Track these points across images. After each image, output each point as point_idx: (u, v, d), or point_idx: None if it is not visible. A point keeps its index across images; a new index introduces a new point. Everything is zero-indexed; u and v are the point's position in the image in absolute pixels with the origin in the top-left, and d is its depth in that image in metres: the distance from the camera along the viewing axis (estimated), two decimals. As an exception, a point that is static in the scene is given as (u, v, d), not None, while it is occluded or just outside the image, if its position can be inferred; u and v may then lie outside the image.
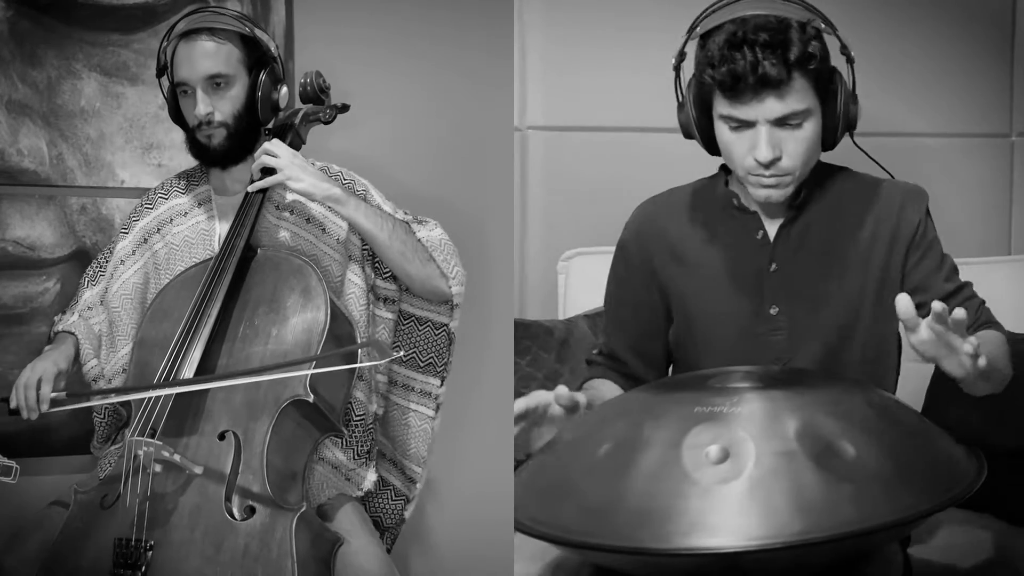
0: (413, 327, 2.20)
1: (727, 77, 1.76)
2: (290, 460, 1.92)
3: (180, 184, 2.23)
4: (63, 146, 2.41)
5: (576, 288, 2.69)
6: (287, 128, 2.11)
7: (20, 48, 2.37)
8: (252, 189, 2.05)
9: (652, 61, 2.74)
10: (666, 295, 2.02)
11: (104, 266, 2.24)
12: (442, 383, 2.21)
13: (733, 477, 1.41)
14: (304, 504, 1.83)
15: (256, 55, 2.13)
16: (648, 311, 2.04)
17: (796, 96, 1.78)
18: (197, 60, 2.07)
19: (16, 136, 2.36)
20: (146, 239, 2.20)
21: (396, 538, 2.23)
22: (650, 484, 1.44)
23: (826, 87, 1.83)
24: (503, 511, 1.90)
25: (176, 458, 1.80)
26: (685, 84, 1.92)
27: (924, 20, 2.73)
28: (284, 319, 1.96)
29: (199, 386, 1.87)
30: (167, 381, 1.90)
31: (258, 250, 2.07)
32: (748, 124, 1.80)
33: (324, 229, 2.13)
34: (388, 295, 2.17)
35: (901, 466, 1.46)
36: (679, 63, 1.91)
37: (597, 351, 2.12)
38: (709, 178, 2.04)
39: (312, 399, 1.88)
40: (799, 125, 1.81)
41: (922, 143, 2.74)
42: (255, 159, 2.03)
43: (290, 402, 1.88)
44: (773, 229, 1.94)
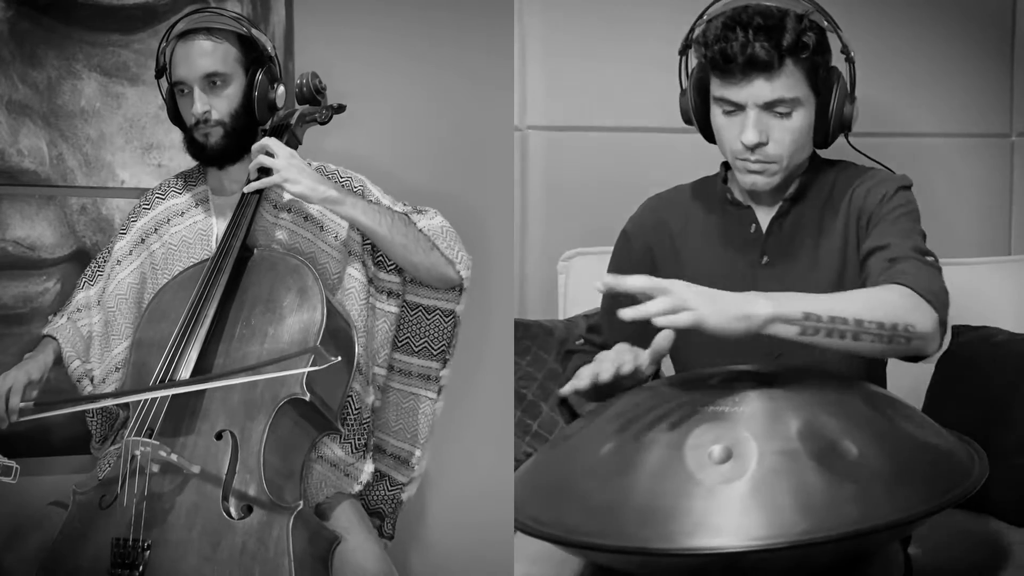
0: (421, 316, 2.20)
1: (718, 55, 1.80)
2: (287, 459, 1.92)
3: (177, 184, 2.24)
4: (63, 146, 2.41)
5: (576, 288, 2.68)
6: (284, 128, 2.12)
7: (20, 48, 2.37)
8: (248, 190, 2.05)
9: (652, 61, 2.74)
10: None
11: (102, 266, 2.24)
12: (445, 365, 2.22)
13: (736, 477, 1.42)
14: (301, 503, 1.83)
15: (253, 55, 2.14)
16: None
17: (786, 83, 1.81)
18: (194, 59, 2.08)
19: (16, 136, 2.36)
20: (143, 239, 2.20)
21: (396, 522, 2.23)
22: (653, 484, 1.44)
23: (821, 81, 1.85)
24: (503, 511, 1.89)
25: (173, 458, 1.80)
26: (689, 71, 1.96)
27: (924, 20, 2.73)
28: (280, 319, 1.96)
29: (152, 394, 1.89)
30: (124, 391, 2.01)
31: (255, 250, 2.07)
32: (739, 108, 1.84)
33: (322, 227, 2.13)
34: (391, 288, 2.17)
35: (903, 465, 1.46)
36: (685, 49, 1.96)
37: (583, 341, 2.12)
38: (710, 175, 2.07)
39: (309, 398, 1.88)
40: (788, 114, 1.84)
41: (922, 143, 2.74)
42: (252, 158, 2.04)
43: (287, 401, 1.88)
44: (766, 223, 1.97)
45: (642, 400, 1.67)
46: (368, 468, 2.13)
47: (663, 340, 1.75)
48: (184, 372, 1.89)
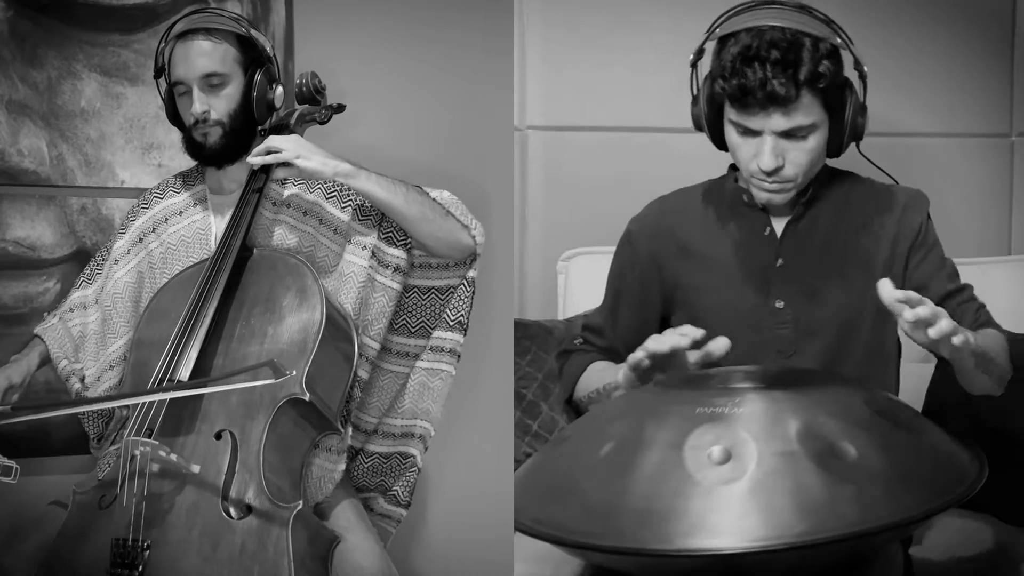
0: (434, 297, 2.17)
1: (736, 91, 1.81)
2: (287, 459, 1.92)
3: (176, 184, 2.24)
4: (63, 146, 2.41)
5: (576, 288, 2.68)
6: (283, 128, 2.12)
7: (20, 48, 2.37)
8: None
9: (652, 61, 2.76)
10: (668, 291, 2.04)
11: (101, 265, 2.25)
12: (465, 333, 2.19)
13: (735, 478, 1.42)
14: (301, 503, 1.82)
15: (252, 55, 2.14)
16: (646, 307, 2.06)
17: (803, 112, 1.82)
18: (193, 59, 2.08)
19: (16, 136, 2.37)
20: (141, 239, 2.20)
21: (413, 490, 2.20)
22: (652, 485, 1.44)
23: (836, 101, 1.86)
24: (503, 511, 1.90)
25: (173, 457, 1.80)
26: (700, 80, 1.95)
27: (924, 20, 2.73)
28: (280, 318, 1.96)
29: (100, 405, 1.99)
30: (81, 399, 2.12)
31: (254, 250, 2.07)
32: (755, 132, 1.85)
33: (321, 220, 2.13)
34: (397, 264, 2.11)
35: (902, 467, 1.46)
36: (696, 60, 1.95)
37: (580, 340, 2.12)
38: (719, 177, 2.07)
39: (308, 397, 1.88)
40: (804, 137, 1.85)
41: (922, 143, 2.74)
42: (252, 156, 2.02)
43: (287, 401, 1.88)
44: (780, 225, 1.97)
45: (641, 400, 1.68)
46: (347, 442, 2.09)
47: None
48: (184, 372, 1.89)
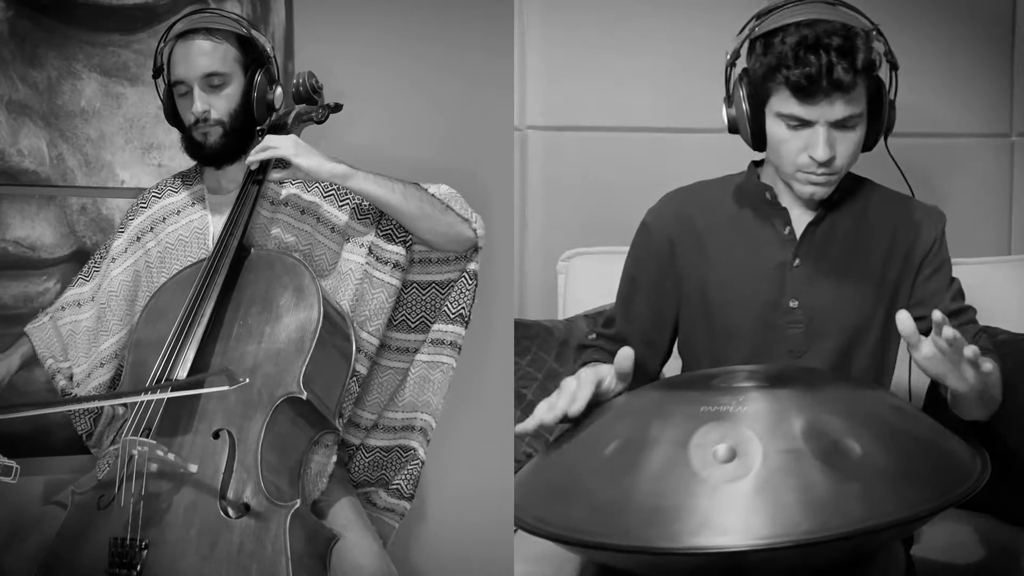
0: (434, 291, 2.17)
1: (802, 78, 1.81)
2: (285, 457, 1.92)
3: (174, 183, 2.24)
4: (63, 146, 2.41)
5: (576, 288, 2.68)
6: (280, 128, 2.12)
7: (20, 48, 2.37)
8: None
9: (652, 61, 2.76)
10: (682, 283, 2.04)
11: (99, 263, 2.25)
12: (467, 325, 2.19)
13: (741, 476, 1.42)
14: (299, 501, 1.82)
15: (252, 55, 2.14)
16: (661, 298, 2.06)
17: (856, 101, 1.84)
18: (194, 59, 2.08)
19: (16, 136, 2.36)
20: (139, 237, 2.21)
21: (417, 482, 2.21)
22: (658, 483, 1.44)
23: (876, 93, 1.89)
24: (503, 511, 1.90)
25: (170, 457, 1.80)
26: (734, 80, 1.96)
27: (924, 20, 2.74)
28: (277, 318, 1.96)
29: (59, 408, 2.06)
30: (48, 401, 2.21)
31: (251, 249, 2.07)
32: (807, 123, 1.86)
33: (319, 219, 2.13)
34: (396, 260, 2.11)
35: (907, 464, 1.47)
36: (733, 60, 1.96)
37: (595, 335, 2.12)
38: (738, 173, 2.07)
39: (306, 396, 1.88)
40: (853, 127, 1.87)
41: (922, 143, 2.74)
42: (250, 157, 2.03)
43: (284, 400, 1.88)
44: (800, 226, 1.98)
45: (646, 399, 1.68)
46: (339, 436, 2.09)
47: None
48: (181, 372, 1.89)
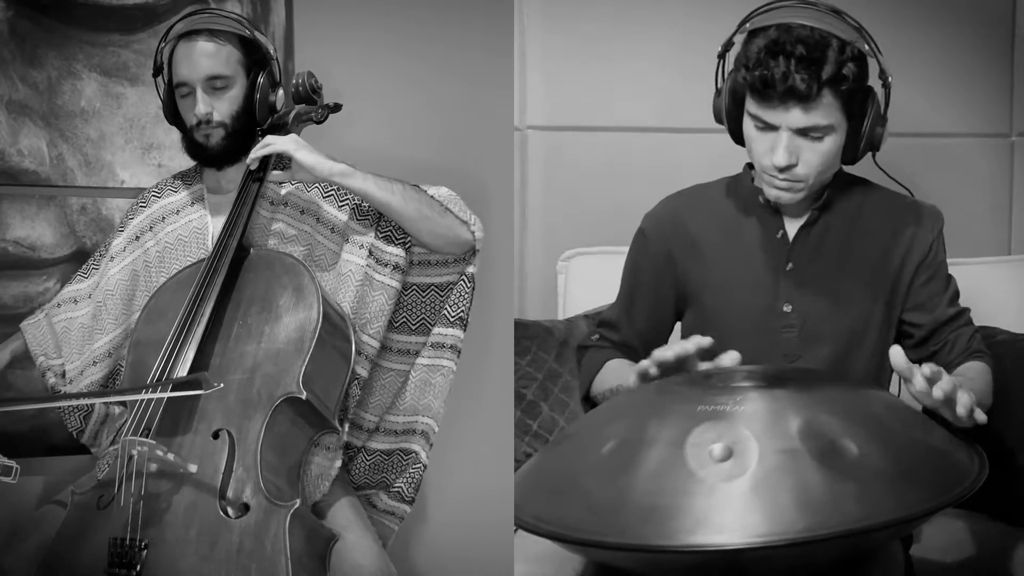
0: (434, 294, 2.17)
1: (757, 82, 1.81)
2: (285, 457, 1.92)
3: (174, 183, 2.24)
4: (63, 146, 2.41)
5: (576, 288, 2.69)
6: (280, 128, 2.12)
7: (20, 48, 2.37)
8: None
9: (652, 61, 2.76)
10: (681, 287, 2.04)
11: (98, 261, 2.25)
12: (465, 328, 2.19)
13: (737, 475, 1.42)
14: (298, 501, 1.82)
15: (255, 57, 2.14)
16: (660, 301, 2.06)
17: (822, 112, 1.82)
18: (197, 60, 2.08)
19: (16, 136, 2.37)
20: (138, 237, 2.21)
21: (418, 485, 2.20)
22: (654, 482, 1.44)
23: (857, 107, 1.86)
24: (503, 511, 1.90)
25: (170, 457, 1.80)
26: (725, 72, 1.96)
27: (924, 20, 2.74)
28: (277, 318, 1.96)
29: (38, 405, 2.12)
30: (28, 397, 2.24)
31: (251, 249, 2.08)
32: (771, 127, 1.85)
33: (318, 218, 2.13)
34: (396, 262, 2.11)
35: (904, 464, 1.47)
36: (725, 51, 1.96)
37: (597, 336, 2.12)
38: (735, 176, 2.07)
39: (305, 396, 1.88)
40: (820, 138, 1.85)
41: (922, 143, 2.74)
42: (251, 156, 2.03)
43: (284, 399, 1.88)
44: (793, 229, 1.98)
45: (642, 399, 1.68)
46: (343, 439, 2.09)
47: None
48: (181, 372, 1.89)
